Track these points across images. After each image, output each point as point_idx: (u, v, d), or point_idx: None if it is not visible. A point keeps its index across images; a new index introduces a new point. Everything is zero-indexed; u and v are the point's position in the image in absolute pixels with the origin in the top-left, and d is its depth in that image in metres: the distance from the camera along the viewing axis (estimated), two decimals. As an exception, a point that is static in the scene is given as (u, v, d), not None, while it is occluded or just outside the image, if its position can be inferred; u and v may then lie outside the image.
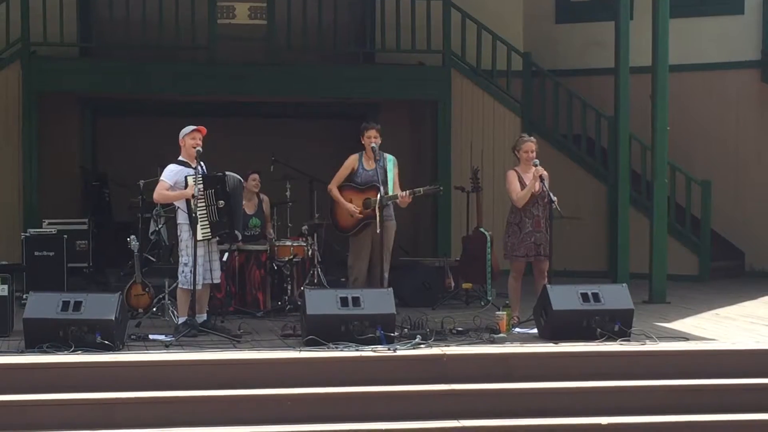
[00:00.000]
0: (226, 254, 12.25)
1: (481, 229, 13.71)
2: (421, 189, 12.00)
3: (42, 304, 9.90)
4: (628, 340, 10.26)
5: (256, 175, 13.22)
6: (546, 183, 11.43)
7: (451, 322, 11.12)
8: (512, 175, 11.67)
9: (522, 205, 11.50)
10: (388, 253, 11.75)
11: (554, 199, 11.24)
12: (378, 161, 11.75)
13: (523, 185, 11.52)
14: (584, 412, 9.19)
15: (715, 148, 18.11)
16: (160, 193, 10.91)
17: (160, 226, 14.19)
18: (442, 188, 13.22)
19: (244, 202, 12.04)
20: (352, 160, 12.06)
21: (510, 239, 11.62)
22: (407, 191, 11.73)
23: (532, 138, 11.83)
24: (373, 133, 11.83)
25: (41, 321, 9.73)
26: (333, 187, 12.04)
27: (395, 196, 11.68)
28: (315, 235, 13.34)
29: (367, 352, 9.63)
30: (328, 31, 17.39)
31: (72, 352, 9.47)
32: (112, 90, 17.21)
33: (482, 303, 13.21)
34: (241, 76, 17.12)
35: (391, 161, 11.91)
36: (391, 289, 10.53)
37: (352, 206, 11.87)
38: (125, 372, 9.22)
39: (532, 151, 11.59)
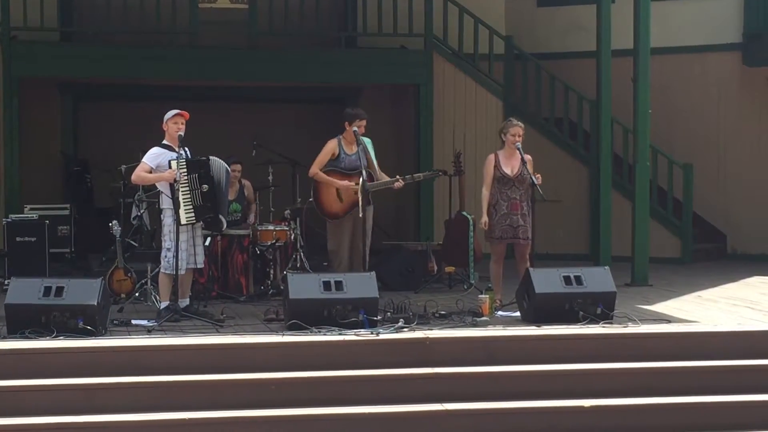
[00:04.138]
0: (209, 239, 12.23)
1: (464, 213, 13.70)
2: (421, 174, 12.12)
3: (24, 290, 9.86)
4: (611, 323, 10.28)
5: (238, 166, 13.16)
6: (528, 167, 11.46)
7: (434, 306, 11.14)
8: (489, 160, 11.65)
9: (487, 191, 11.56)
10: (368, 236, 11.76)
11: (537, 182, 11.26)
12: (359, 145, 11.74)
13: (499, 169, 11.52)
14: (567, 395, 9.21)
15: (696, 131, 18.16)
16: (138, 174, 10.87)
17: (142, 211, 14.17)
18: (441, 173, 13.30)
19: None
20: (332, 146, 12.04)
21: (489, 221, 11.63)
22: (406, 176, 11.80)
23: (520, 123, 11.77)
24: (365, 123, 11.81)
25: (23, 306, 9.70)
26: (317, 171, 11.98)
27: (392, 182, 11.71)
28: (297, 219, 13.32)
29: (350, 336, 9.63)
30: (310, 15, 17.35)
31: (54, 337, 9.44)
32: (92, 75, 17.15)
33: (465, 286, 13.22)
34: (222, 61, 17.08)
35: (369, 144, 11.90)
36: (373, 273, 10.52)
37: (346, 182, 11.79)
38: (108, 357, 9.20)
39: (519, 136, 11.57)
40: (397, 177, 11.80)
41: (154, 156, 10.79)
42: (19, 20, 16.32)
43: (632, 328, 10.15)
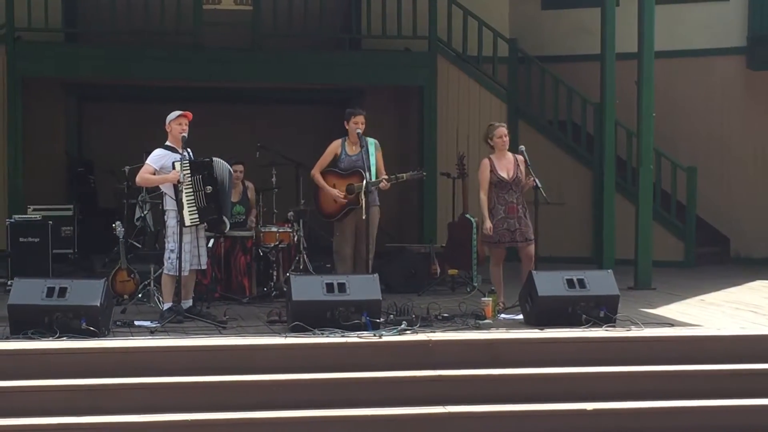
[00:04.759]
0: (212, 240, 12.23)
1: (467, 215, 13.69)
2: (404, 175, 12.05)
3: (27, 291, 9.86)
4: (614, 326, 10.28)
5: (240, 167, 13.14)
6: (521, 168, 11.48)
7: (437, 308, 11.12)
8: (484, 165, 11.60)
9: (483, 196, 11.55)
10: (372, 238, 11.77)
11: (539, 185, 11.26)
12: (362, 146, 11.75)
13: (495, 174, 11.51)
14: (569, 398, 9.21)
15: (700, 134, 18.14)
16: (142, 176, 10.86)
17: (145, 213, 14.18)
18: (425, 173, 13.22)
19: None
20: (334, 146, 12.10)
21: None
22: (390, 176, 11.78)
23: (502, 123, 11.86)
24: (360, 119, 11.84)
25: (26, 307, 9.70)
26: (316, 173, 12.08)
27: (378, 182, 11.71)
28: (301, 221, 13.32)
29: (353, 338, 9.64)
30: (314, 16, 17.36)
31: (57, 338, 9.44)
32: (97, 75, 17.17)
33: (468, 289, 13.21)
34: (226, 62, 17.10)
35: (372, 145, 11.91)
36: (376, 275, 10.51)
37: (335, 191, 11.90)
38: (110, 358, 9.20)
39: (505, 136, 11.61)
40: (383, 178, 11.82)
41: (157, 157, 10.79)
42: (23, 21, 16.35)
43: (635, 332, 10.14)
